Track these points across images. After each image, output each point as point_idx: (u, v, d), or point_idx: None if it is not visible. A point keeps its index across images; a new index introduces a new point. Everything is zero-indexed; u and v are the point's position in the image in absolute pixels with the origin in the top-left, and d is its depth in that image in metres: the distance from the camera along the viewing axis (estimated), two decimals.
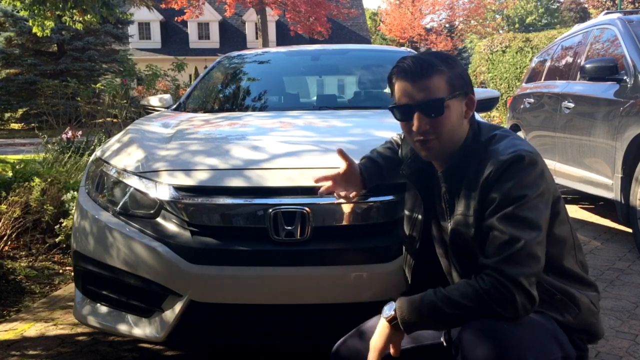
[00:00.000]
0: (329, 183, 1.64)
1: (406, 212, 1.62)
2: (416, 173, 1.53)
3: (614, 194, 3.67)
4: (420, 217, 1.54)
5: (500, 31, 34.76)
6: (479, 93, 3.15)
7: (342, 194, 1.64)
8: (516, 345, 1.18)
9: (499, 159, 1.29)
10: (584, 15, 35.59)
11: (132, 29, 28.20)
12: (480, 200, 1.31)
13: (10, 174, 4.16)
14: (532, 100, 5.53)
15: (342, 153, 1.64)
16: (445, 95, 1.34)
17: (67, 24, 7.17)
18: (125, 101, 6.75)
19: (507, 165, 1.28)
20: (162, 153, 2.11)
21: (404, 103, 1.37)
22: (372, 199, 1.82)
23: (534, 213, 1.25)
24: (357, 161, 1.76)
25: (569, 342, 1.32)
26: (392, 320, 1.32)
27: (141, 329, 1.91)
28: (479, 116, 2.44)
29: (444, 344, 1.43)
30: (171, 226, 1.86)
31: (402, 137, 1.72)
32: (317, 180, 1.66)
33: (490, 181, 1.29)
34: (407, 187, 1.62)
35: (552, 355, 1.24)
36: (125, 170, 2.05)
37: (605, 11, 5.05)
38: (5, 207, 3.42)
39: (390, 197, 1.82)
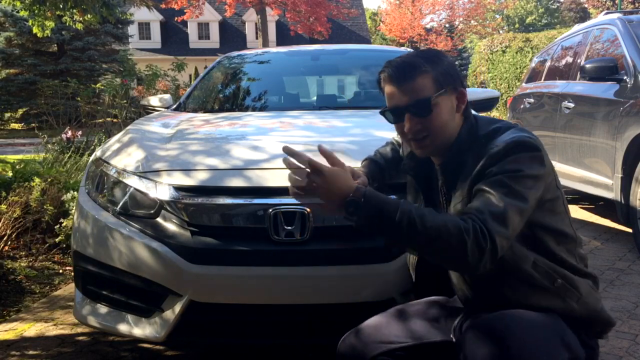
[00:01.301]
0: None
1: None
2: (416, 167, 1.55)
3: (614, 194, 3.66)
4: None
5: (500, 31, 34.78)
6: (479, 93, 3.15)
7: None
8: (519, 346, 1.17)
9: (498, 144, 1.30)
10: (584, 15, 35.61)
11: (132, 29, 28.20)
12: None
13: (10, 174, 4.16)
14: (532, 100, 5.53)
15: (323, 152, 1.35)
16: (432, 94, 1.35)
17: (67, 24, 7.18)
18: (125, 101, 6.76)
19: (508, 148, 1.29)
20: (162, 153, 2.11)
21: (394, 105, 1.40)
22: None
23: (523, 186, 1.26)
24: (357, 161, 1.76)
25: (577, 343, 1.30)
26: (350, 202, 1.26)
27: (141, 329, 1.91)
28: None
29: (454, 339, 1.43)
30: (171, 226, 1.86)
31: None
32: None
33: (489, 163, 1.29)
34: (407, 184, 1.62)
35: (558, 356, 1.22)
36: (125, 170, 2.04)
37: (605, 11, 5.05)
38: (5, 207, 3.42)
39: (390, 197, 1.81)
